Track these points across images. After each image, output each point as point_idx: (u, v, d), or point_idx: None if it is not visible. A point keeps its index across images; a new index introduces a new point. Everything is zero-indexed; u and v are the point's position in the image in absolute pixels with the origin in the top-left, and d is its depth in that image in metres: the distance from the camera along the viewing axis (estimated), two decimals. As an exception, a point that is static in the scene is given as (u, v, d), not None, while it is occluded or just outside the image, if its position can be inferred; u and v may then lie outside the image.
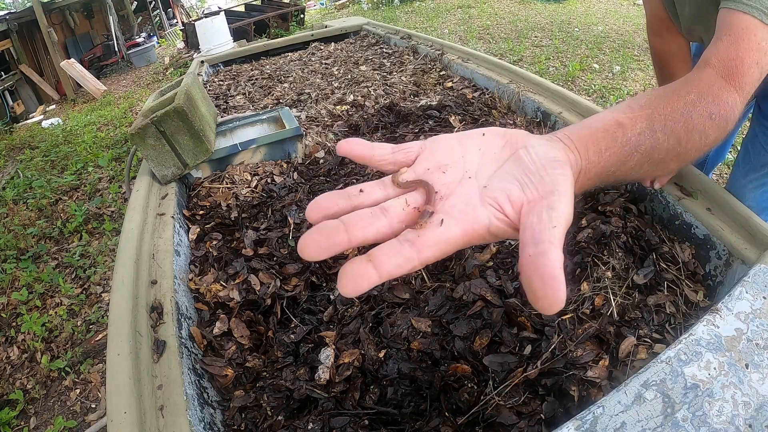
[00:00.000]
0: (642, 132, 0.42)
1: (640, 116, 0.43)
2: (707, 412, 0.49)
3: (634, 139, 0.41)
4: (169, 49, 10.07)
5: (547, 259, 0.29)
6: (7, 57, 8.30)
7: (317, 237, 0.31)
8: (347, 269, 0.31)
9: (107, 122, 5.59)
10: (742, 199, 0.83)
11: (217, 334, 0.84)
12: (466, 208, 0.34)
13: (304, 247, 0.31)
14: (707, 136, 0.46)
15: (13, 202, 3.65)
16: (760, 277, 0.62)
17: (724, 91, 0.49)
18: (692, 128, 0.45)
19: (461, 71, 1.82)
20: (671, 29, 0.97)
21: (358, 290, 0.31)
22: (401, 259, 0.31)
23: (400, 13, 8.14)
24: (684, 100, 0.46)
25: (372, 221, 0.34)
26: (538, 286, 0.29)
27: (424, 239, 0.32)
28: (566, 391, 0.64)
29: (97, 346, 2.24)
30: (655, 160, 0.43)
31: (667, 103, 0.45)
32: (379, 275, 0.31)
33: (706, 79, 0.50)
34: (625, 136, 0.41)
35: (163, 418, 0.65)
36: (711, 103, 0.47)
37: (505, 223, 0.33)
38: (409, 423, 0.67)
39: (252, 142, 1.35)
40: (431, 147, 0.39)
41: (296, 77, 2.20)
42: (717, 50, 0.54)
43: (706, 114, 0.46)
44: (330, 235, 0.32)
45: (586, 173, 0.38)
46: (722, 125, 0.47)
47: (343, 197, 0.35)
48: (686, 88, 0.48)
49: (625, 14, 5.94)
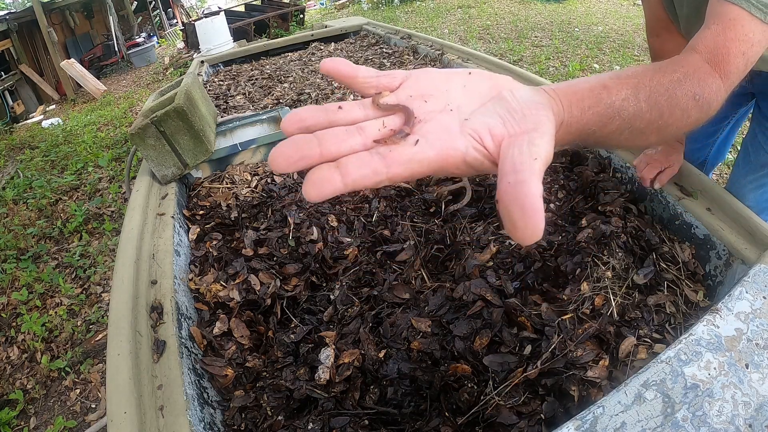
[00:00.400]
0: (626, 98, 0.42)
1: (626, 83, 0.44)
2: (707, 412, 0.49)
3: (618, 103, 0.42)
4: (169, 49, 10.07)
5: (527, 187, 0.29)
6: (7, 57, 8.29)
7: (288, 149, 0.31)
8: (312, 174, 0.31)
9: (107, 122, 5.59)
10: (742, 199, 0.83)
11: (217, 334, 0.84)
12: (444, 135, 0.34)
13: (274, 159, 0.30)
14: (689, 115, 0.47)
15: (13, 202, 3.64)
16: (760, 277, 0.62)
17: (709, 76, 0.50)
18: (675, 104, 0.46)
19: (461, 71, 1.82)
20: (670, 29, 0.97)
21: (321, 195, 0.30)
22: (368, 170, 0.31)
23: (400, 13, 8.14)
24: (670, 77, 0.47)
25: (346, 138, 0.33)
26: (518, 215, 0.29)
27: (396, 155, 0.32)
28: (566, 391, 0.64)
29: (97, 346, 2.24)
30: (636, 128, 0.43)
31: (653, 76, 0.46)
32: (344, 182, 0.30)
33: (693, 62, 0.52)
34: (610, 98, 0.41)
35: (163, 418, 0.65)
36: (696, 84, 0.48)
37: (483, 155, 0.33)
38: (409, 423, 0.67)
39: (252, 142, 1.35)
40: (416, 77, 0.38)
41: (296, 77, 2.20)
42: (705, 37, 0.56)
43: (690, 94, 0.47)
44: (301, 147, 0.31)
45: (568, 126, 0.39)
46: (705, 108, 0.48)
47: (321, 111, 0.34)
48: (673, 66, 0.50)
49: (625, 14, 5.94)
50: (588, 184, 1.04)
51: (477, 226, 1.00)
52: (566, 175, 1.10)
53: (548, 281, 0.84)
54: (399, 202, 1.12)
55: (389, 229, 1.04)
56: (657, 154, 0.98)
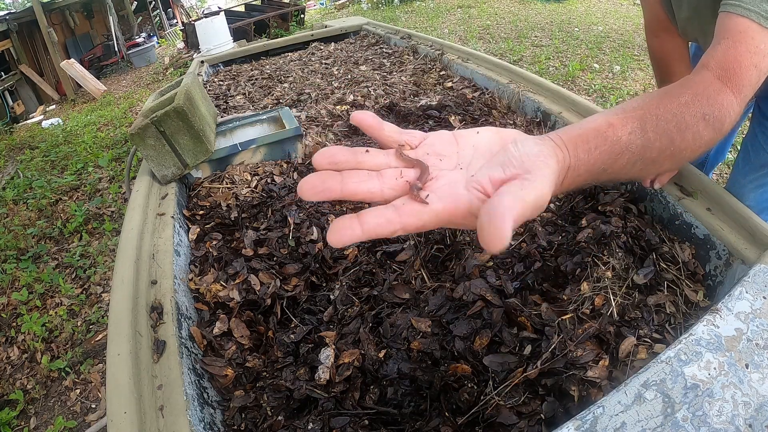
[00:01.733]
0: (633, 131, 0.43)
1: (631, 117, 0.44)
2: (707, 412, 0.49)
3: (625, 138, 0.42)
4: (169, 49, 10.07)
5: (499, 200, 0.32)
6: (7, 57, 8.29)
7: (315, 180, 0.36)
8: (336, 223, 0.35)
9: (107, 122, 5.59)
10: (742, 199, 0.83)
11: (217, 334, 0.84)
12: (451, 189, 0.37)
13: (301, 187, 0.35)
14: (701, 136, 0.47)
15: (13, 202, 3.64)
16: (760, 277, 0.62)
17: (719, 93, 0.50)
18: (685, 129, 0.46)
19: (461, 71, 1.82)
20: (669, 30, 0.97)
21: (341, 241, 0.34)
22: (383, 220, 0.35)
23: (400, 13, 8.14)
24: (677, 102, 0.47)
25: (366, 180, 0.38)
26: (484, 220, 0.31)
27: (409, 207, 0.36)
28: (566, 391, 0.64)
29: (97, 346, 2.24)
30: (648, 159, 0.44)
31: (659, 104, 0.46)
32: (362, 230, 0.34)
33: (702, 81, 0.51)
34: (615, 135, 0.42)
35: (163, 418, 0.65)
36: (705, 104, 0.48)
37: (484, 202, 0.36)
38: (409, 423, 0.67)
39: (252, 142, 1.35)
40: (432, 139, 0.43)
41: (296, 77, 2.20)
42: (715, 53, 0.55)
43: (699, 115, 0.47)
44: (326, 181, 0.36)
45: (575, 169, 0.40)
46: (717, 126, 0.48)
47: (350, 152, 0.39)
48: (681, 90, 0.49)
49: (625, 14, 5.94)
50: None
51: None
52: (566, 175, 1.10)
53: (548, 281, 0.84)
54: (399, 202, 1.12)
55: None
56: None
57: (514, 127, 1.33)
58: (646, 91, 3.61)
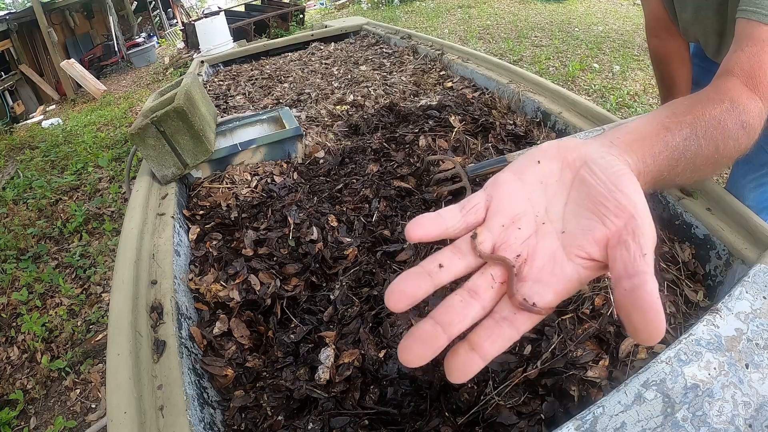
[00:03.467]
0: (687, 137, 0.41)
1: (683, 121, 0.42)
2: (707, 412, 0.49)
3: (682, 144, 0.40)
4: (169, 49, 10.07)
5: (644, 291, 0.28)
6: (7, 57, 8.29)
7: (417, 347, 0.31)
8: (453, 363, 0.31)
9: (107, 122, 5.59)
10: (741, 199, 0.83)
11: (217, 334, 0.84)
12: (554, 269, 0.33)
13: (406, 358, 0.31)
14: (740, 144, 0.46)
15: (13, 202, 3.64)
16: (760, 277, 0.62)
17: (751, 101, 0.50)
18: (728, 135, 0.45)
19: (461, 71, 1.82)
20: (670, 30, 0.97)
21: (467, 377, 0.31)
22: (503, 341, 0.31)
23: (400, 13, 8.14)
24: (720, 108, 0.46)
25: (466, 311, 0.32)
26: (638, 320, 0.28)
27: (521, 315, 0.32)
28: (566, 391, 0.64)
29: (97, 346, 2.24)
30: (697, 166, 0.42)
31: (705, 109, 0.45)
32: (484, 360, 0.31)
33: (734, 88, 0.51)
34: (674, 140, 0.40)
35: (163, 418, 0.65)
36: (742, 111, 0.47)
37: (593, 269, 0.32)
38: (409, 423, 0.67)
39: (252, 142, 1.35)
40: (496, 196, 0.36)
41: (296, 77, 2.20)
42: (739, 60, 0.55)
43: (738, 122, 0.46)
44: (429, 341, 0.31)
45: (644, 176, 0.37)
46: (751, 133, 0.48)
47: (423, 278, 0.33)
48: (719, 95, 0.48)
49: (625, 14, 5.94)
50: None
51: (477, 226, 1.00)
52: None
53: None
54: (399, 202, 1.12)
55: (389, 229, 1.04)
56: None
57: (514, 126, 1.33)
58: (653, 88, 3.61)
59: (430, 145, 1.29)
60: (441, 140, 1.30)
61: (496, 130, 1.31)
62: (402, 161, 1.24)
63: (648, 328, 0.27)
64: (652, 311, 0.27)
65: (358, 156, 1.33)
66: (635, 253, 0.30)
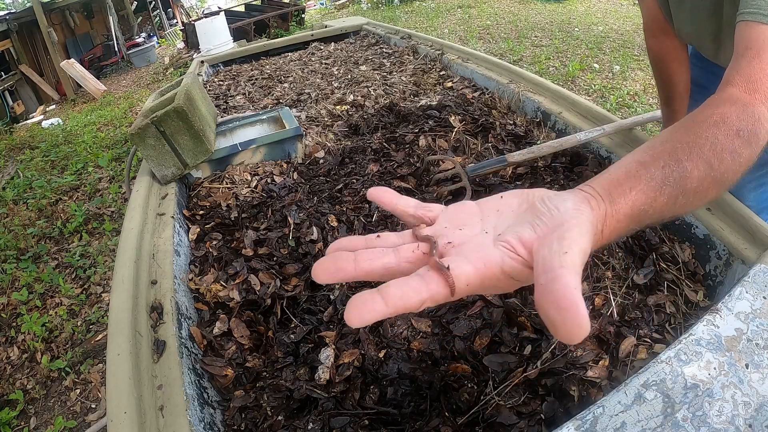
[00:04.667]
0: (666, 164, 0.40)
1: (662, 151, 0.42)
2: (707, 412, 0.49)
3: (659, 173, 0.40)
4: (169, 49, 10.07)
5: (559, 283, 0.28)
6: (7, 57, 8.29)
7: (327, 262, 0.35)
8: (355, 300, 0.31)
9: (107, 122, 5.59)
10: (741, 199, 0.83)
11: (217, 334, 0.84)
12: (478, 249, 0.34)
13: (314, 271, 0.35)
14: (739, 155, 0.44)
15: (13, 202, 3.64)
16: (760, 277, 0.62)
17: (748, 107, 0.48)
18: (721, 149, 0.43)
19: (461, 71, 1.82)
20: (667, 31, 0.97)
21: (363, 319, 0.31)
22: (409, 289, 0.32)
23: (400, 13, 8.14)
24: (706, 124, 0.45)
25: (381, 255, 0.36)
26: (554, 313, 0.27)
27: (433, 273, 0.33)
28: (566, 391, 0.64)
29: (97, 346, 2.24)
30: (689, 190, 0.41)
31: (689, 131, 0.44)
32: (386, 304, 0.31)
33: (728, 98, 0.49)
34: (649, 172, 0.40)
35: (163, 418, 0.65)
36: (736, 120, 0.45)
37: (519, 263, 0.33)
38: (409, 423, 0.67)
39: (252, 142, 1.35)
40: (453, 210, 0.40)
41: (296, 77, 2.20)
42: (739, 67, 0.53)
43: (732, 132, 0.44)
44: (338, 261, 0.35)
45: (614, 215, 0.37)
46: (753, 141, 0.46)
47: (361, 239, 0.38)
48: (707, 111, 0.47)
49: (625, 14, 5.94)
50: (588, 184, 1.04)
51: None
52: (566, 175, 1.10)
53: (548, 281, 0.84)
54: (399, 202, 1.12)
55: (389, 229, 1.04)
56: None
57: (514, 126, 1.33)
58: (653, 88, 3.61)
59: (430, 145, 1.29)
60: (441, 140, 1.30)
61: (496, 130, 1.31)
62: (402, 161, 1.24)
63: (566, 324, 0.27)
64: (568, 306, 0.27)
65: (358, 156, 1.33)
66: (556, 252, 0.30)
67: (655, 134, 2.51)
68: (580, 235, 0.32)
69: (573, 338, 0.27)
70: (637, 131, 1.11)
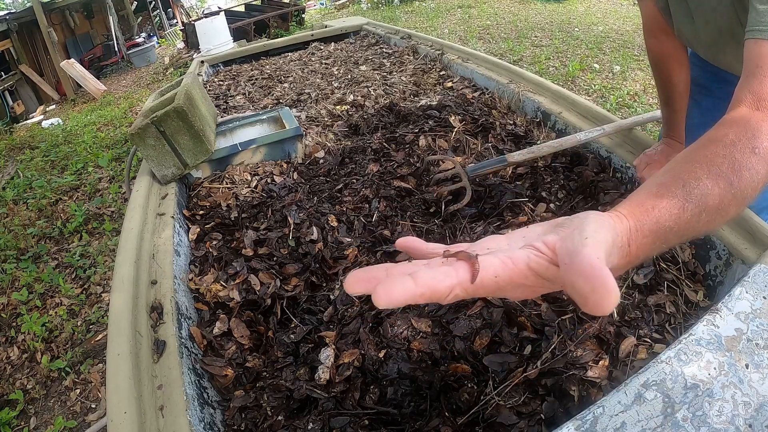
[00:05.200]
0: (687, 183, 0.42)
1: (681, 170, 0.43)
2: (707, 412, 0.49)
3: (681, 191, 0.41)
4: (169, 49, 10.07)
5: (582, 255, 0.29)
6: (7, 57, 8.29)
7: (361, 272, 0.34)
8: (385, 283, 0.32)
9: (107, 122, 5.59)
10: (742, 199, 0.83)
11: (217, 334, 0.84)
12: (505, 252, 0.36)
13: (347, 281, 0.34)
14: (757, 171, 0.45)
15: (13, 202, 3.64)
16: (760, 277, 0.62)
17: (762, 123, 0.48)
18: (740, 167, 0.44)
19: (461, 71, 1.82)
20: (667, 31, 0.97)
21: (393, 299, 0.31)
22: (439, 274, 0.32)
23: (400, 13, 8.14)
24: (723, 143, 0.46)
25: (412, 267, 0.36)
26: (582, 283, 0.28)
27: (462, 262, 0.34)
28: (566, 391, 0.64)
29: (97, 346, 2.24)
30: (711, 207, 0.42)
31: (706, 151, 0.45)
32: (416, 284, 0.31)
33: (741, 117, 0.50)
34: (670, 191, 0.41)
35: (163, 418, 0.65)
36: (751, 137, 0.46)
37: (544, 259, 0.34)
38: (409, 423, 0.67)
39: (252, 142, 1.35)
40: (480, 241, 0.41)
41: (296, 77, 2.20)
42: (750, 86, 0.53)
43: (748, 149, 0.45)
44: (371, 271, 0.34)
45: (640, 230, 0.38)
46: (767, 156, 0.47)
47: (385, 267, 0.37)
48: (722, 131, 0.48)
49: (625, 14, 5.94)
50: (588, 184, 1.04)
51: (477, 226, 1.00)
52: (566, 175, 1.10)
53: (548, 281, 0.84)
54: (399, 202, 1.12)
55: (389, 229, 1.04)
56: (657, 154, 0.98)
57: (515, 127, 1.33)
58: (653, 88, 3.61)
59: (430, 145, 1.29)
60: (441, 140, 1.30)
61: (496, 130, 1.31)
62: (402, 161, 1.24)
63: (595, 292, 0.27)
64: (595, 273, 0.28)
65: (358, 156, 1.33)
66: (577, 241, 0.32)
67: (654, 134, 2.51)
68: (600, 227, 0.34)
69: (604, 306, 0.27)
70: (637, 131, 1.11)
